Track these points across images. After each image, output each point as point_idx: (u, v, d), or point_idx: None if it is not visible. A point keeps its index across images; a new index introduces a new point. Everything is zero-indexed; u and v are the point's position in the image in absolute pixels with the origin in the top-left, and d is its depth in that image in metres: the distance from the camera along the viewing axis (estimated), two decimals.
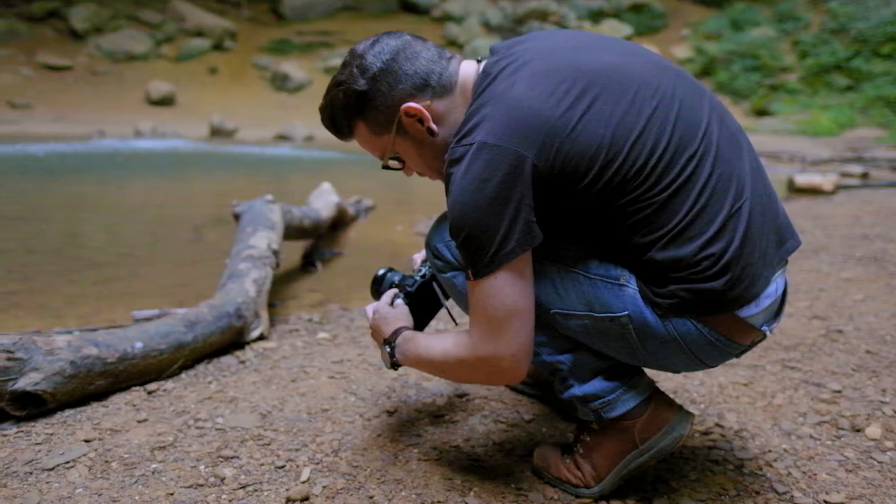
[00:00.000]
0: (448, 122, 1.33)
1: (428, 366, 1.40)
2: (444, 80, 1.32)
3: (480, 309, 1.23)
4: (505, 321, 1.22)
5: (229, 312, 2.30)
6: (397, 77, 1.30)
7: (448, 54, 1.37)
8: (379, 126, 1.35)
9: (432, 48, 1.35)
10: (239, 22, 24.82)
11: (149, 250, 4.45)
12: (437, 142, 1.34)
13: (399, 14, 26.08)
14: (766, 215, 1.28)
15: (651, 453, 1.37)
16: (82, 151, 11.25)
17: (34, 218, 5.51)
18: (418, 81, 1.30)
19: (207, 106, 18.31)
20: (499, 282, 1.20)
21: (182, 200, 6.83)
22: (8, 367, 1.68)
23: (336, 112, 1.37)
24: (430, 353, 1.36)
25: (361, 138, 1.40)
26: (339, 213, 4.74)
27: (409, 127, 1.33)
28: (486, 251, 1.18)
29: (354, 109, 1.35)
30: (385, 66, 1.30)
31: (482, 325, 1.24)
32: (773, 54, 20.19)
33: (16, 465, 1.51)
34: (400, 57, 1.31)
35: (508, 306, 1.21)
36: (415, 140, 1.35)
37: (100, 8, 23.23)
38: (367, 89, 1.31)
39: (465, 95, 1.33)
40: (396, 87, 1.30)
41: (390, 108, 1.32)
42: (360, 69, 1.32)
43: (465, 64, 1.37)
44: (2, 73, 19.68)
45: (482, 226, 1.17)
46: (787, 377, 2.07)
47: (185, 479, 1.47)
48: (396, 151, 1.39)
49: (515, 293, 1.21)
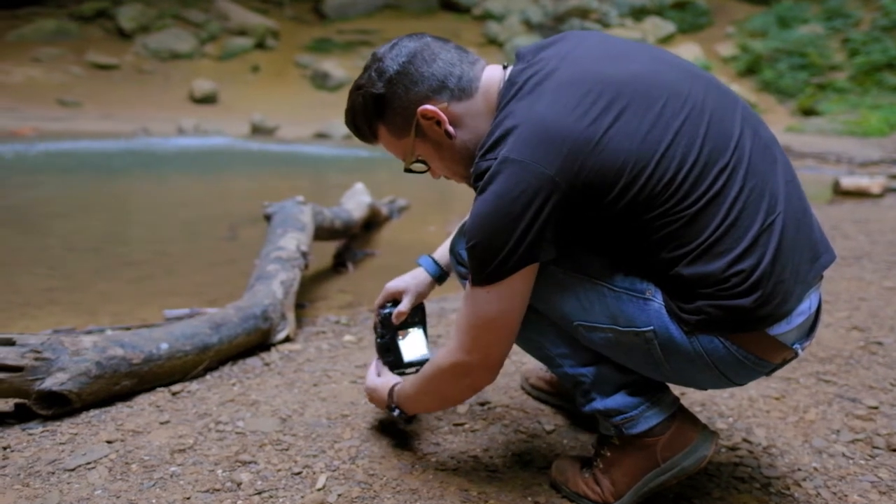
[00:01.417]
0: (468, 126, 1.32)
1: (423, 396, 1.47)
2: (463, 83, 1.30)
3: (467, 313, 1.27)
4: (485, 329, 1.26)
5: (255, 314, 2.32)
6: (413, 79, 1.29)
7: (472, 58, 1.35)
8: (398, 129, 1.35)
9: (453, 50, 1.33)
10: (281, 21, 25.07)
11: (184, 249, 4.52)
12: (455, 144, 1.33)
13: (439, 12, 26.06)
14: (801, 230, 1.23)
15: (672, 473, 1.33)
16: (127, 148, 11.50)
17: (77, 215, 5.65)
18: (435, 84, 1.29)
19: (249, 104, 18.53)
20: (491, 295, 1.22)
21: (219, 198, 6.93)
22: (35, 367, 1.72)
23: (357, 116, 1.38)
24: (417, 382, 1.46)
25: (384, 141, 1.41)
26: (371, 213, 4.75)
27: (427, 129, 1.32)
28: (488, 264, 1.19)
29: (374, 113, 1.35)
30: (402, 69, 1.30)
31: (463, 326, 1.28)
32: (821, 52, 19.65)
33: (39, 465, 1.53)
34: (417, 59, 1.30)
35: (492, 318, 1.25)
36: (434, 143, 1.35)
37: (146, 8, 23.70)
38: (385, 92, 1.31)
39: (488, 102, 1.31)
40: (413, 90, 1.30)
41: (408, 111, 1.31)
42: (378, 72, 1.32)
43: (489, 69, 1.35)
44: (53, 72, 20.22)
45: (490, 240, 1.17)
46: (822, 391, 2.01)
47: (203, 484, 1.47)
48: (418, 154, 1.39)
49: (502, 309, 1.24)
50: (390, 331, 1.68)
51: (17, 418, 1.78)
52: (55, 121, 15.02)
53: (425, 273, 1.70)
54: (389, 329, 1.68)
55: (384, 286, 1.71)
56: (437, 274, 1.70)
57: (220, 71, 21.65)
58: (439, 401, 1.51)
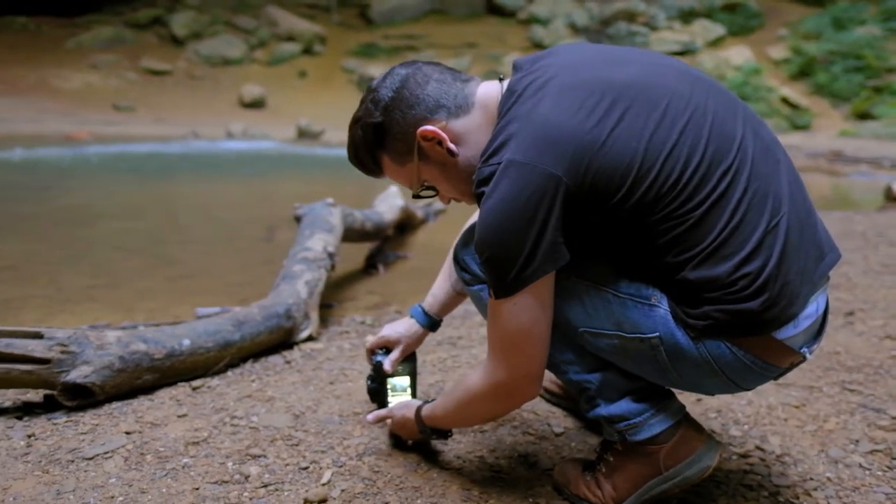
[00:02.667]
0: (469, 142, 1.31)
1: (464, 420, 1.48)
2: (459, 100, 1.31)
3: (499, 329, 1.24)
4: (520, 343, 1.23)
5: (279, 313, 2.36)
6: (409, 103, 1.30)
7: (464, 76, 1.36)
8: (401, 155, 1.35)
9: (445, 71, 1.34)
10: (328, 27, 25.45)
11: (222, 249, 4.64)
12: (459, 163, 1.32)
13: (485, 16, 26.11)
14: (805, 230, 1.21)
15: (675, 481, 1.32)
16: (176, 152, 11.82)
17: (124, 216, 5.83)
18: (431, 104, 1.30)
19: (296, 108, 18.88)
20: (517, 307, 1.19)
21: (261, 201, 7.07)
22: (61, 360, 1.79)
23: (359, 149, 1.38)
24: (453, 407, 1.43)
25: (389, 171, 1.40)
26: (405, 216, 4.79)
27: (429, 151, 1.32)
28: (508, 273, 1.16)
29: (375, 143, 1.35)
30: (396, 95, 1.30)
31: (497, 343, 1.26)
32: (878, 54, 19.06)
33: (60, 453, 1.60)
34: (410, 83, 1.31)
35: (524, 330, 1.21)
36: (438, 164, 1.34)
37: (199, 14, 24.35)
38: (383, 120, 1.32)
39: (487, 115, 1.30)
40: (410, 113, 1.30)
41: (407, 135, 1.31)
42: (374, 102, 1.33)
43: (484, 84, 1.35)
44: (109, 78, 20.93)
45: (505, 247, 1.15)
46: (845, 400, 1.95)
47: (212, 475, 1.52)
48: (424, 179, 1.38)
49: (532, 318, 1.21)
50: (381, 377, 1.77)
51: (45, 408, 1.85)
52: (110, 125, 15.53)
53: (417, 325, 1.75)
54: (380, 375, 1.77)
55: (382, 329, 1.78)
56: (427, 324, 1.76)
57: (268, 76, 22.10)
58: (482, 420, 1.53)
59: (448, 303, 1.76)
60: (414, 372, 1.82)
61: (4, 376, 1.76)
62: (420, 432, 1.55)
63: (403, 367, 1.80)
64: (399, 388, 1.80)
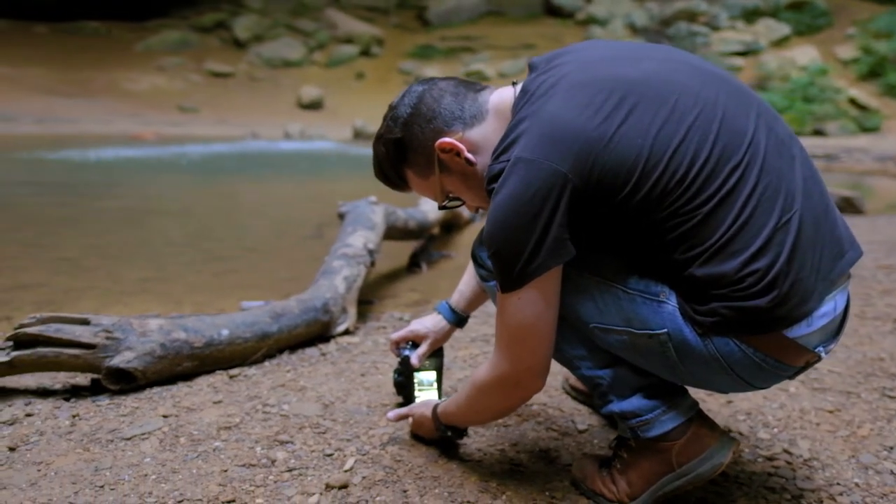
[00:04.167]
0: (486, 150, 1.33)
1: (474, 414, 1.50)
2: (473, 111, 1.35)
3: (504, 322, 1.27)
4: (524, 337, 1.25)
5: (316, 307, 2.43)
6: (427, 117, 1.35)
7: (479, 86, 1.40)
8: (423, 169, 1.39)
9: (460, 84, 1.39)
10: (386, 28, 25.76)
11: (271, 245, 4.76)
12: (478, 171, 1.36)
13: (542, 17, 25.99)
14: (821, 227, 1.20)
15: (687, 478, 1.32)
16: (236, 152, 12.15)
17: (180, 213, 6.05)
18: (447, 117, 1.34)
19: (352, 109, 19.16)
20: (522, 301, 1.21)
21: (314, 199, 7.22)
22: (106, 346, 1.88)
23: (384, 165, 1.44)
24: (464, 402, 1.46)
25: (414, 185, 1.45)
26: (450, 215, 4.82)
27: (449, 162, 1.36)
28: (513, 268, 1.18)
29: (397, 158, 1.40)
30: (414, 110, 1.36)
31: (502, 336, 1.28)
32: None
33: (101, 433, 1.69)
34: (426, 98, 1.36)
35: (528, 324, 1.23)
36: (459, 175, 1.38)
37: (261, 18, 24.96)
38: (403, 136, 1.37)
39: (502, 119, 1.33)
40: (428, 127, 1.35)
41: (427, 149, 1.36)
42: (393, 119, 1.38)
43: (497, 91, 1.39)
44: (175, 80, 21.64)
45: (511, 242, 1.17)
46: (883, 407, 1.90)
47: (241, 459, 1.58)
48: (448, 190, 1.42)
49: (536, 313, 1.23)
50: (407, 371, 1.81)
51: (91, 391, 1.95)
52: (174, 125, 16.07)
53: (444, 321, 1.81)
54: (407, 369, 1.81)
55: (410, 323, 1.85)
56: (453, 320, 1.82)
57: (326, 78, 22.49)
58: (492, 416, 1.54)
59: (474, 299, 1.79)
60: (440, 367, 1.86)
61: (54, 360, 1.86)
62: (437, 430, 1.58)
63: (430, 362, 1.84)
64: (426, 382, 1.83)
